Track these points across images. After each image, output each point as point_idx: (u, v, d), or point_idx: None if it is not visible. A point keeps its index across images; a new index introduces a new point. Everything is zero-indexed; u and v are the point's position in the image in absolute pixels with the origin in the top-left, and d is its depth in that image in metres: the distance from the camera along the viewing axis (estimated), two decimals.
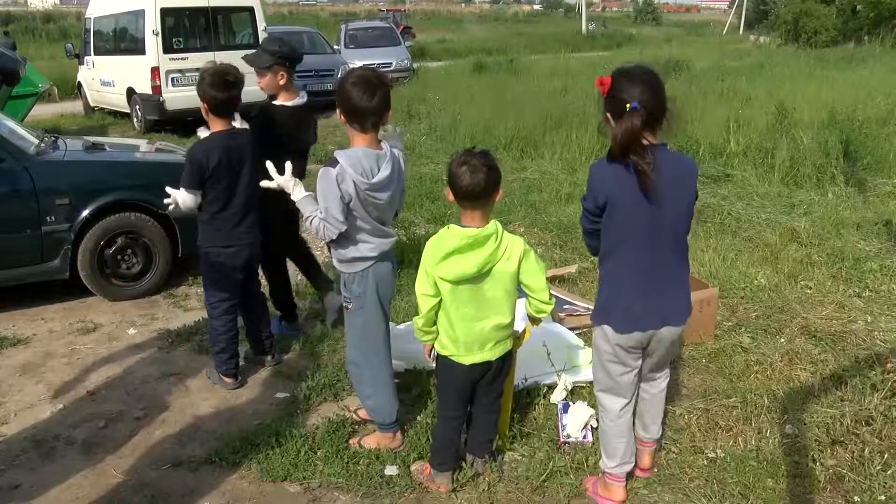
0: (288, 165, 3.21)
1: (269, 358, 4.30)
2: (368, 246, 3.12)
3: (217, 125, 3.81)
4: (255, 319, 4.25)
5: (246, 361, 4.26)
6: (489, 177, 2.74)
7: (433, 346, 3.03)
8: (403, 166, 3.22)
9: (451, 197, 2.83)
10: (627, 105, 2.51)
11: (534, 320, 3.15)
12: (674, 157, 2.70)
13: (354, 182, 2.92)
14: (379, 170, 2.99)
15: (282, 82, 4.23)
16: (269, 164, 3.23)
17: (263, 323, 4.28)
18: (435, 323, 2.97)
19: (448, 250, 2.77)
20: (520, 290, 2.95)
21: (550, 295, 2.95)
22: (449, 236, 2.80)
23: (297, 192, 3.19)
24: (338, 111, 2.99)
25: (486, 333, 2.93)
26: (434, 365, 3.17)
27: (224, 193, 3.78)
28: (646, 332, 2.77)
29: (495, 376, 3.06)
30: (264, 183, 3.31)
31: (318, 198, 3.01)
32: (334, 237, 3.03)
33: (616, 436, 2.95)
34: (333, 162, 2.94)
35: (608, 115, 2.64)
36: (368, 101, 2.92)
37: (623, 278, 2.74)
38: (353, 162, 2.93)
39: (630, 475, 3.07)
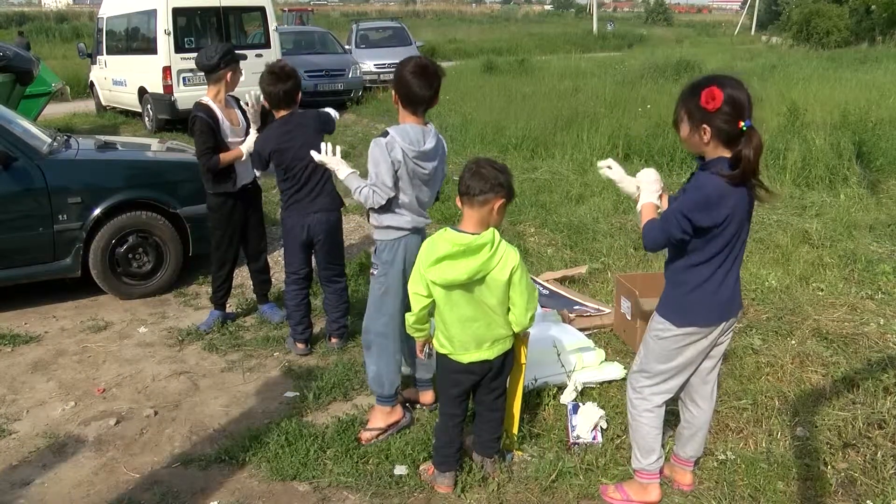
0: (329, 146, 3.57)
1: (333, 341, 4.50)
2: (405, 218, 3.36)
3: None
4: (328, 302, 4.50)
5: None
6: (489, 177, 2.78)
7: (426, 343, 3.12)
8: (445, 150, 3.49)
9: (459, 202, 2.88)
10: (742, 124, 2.46)
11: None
12: None
13: (403, 150, 3.20)
14: (425, 142, 3.27)
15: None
16: (323, 145, 3.58)
17: (332, 307, 4.48)
18: (427, 321, 3.02)
19: (439, 255, 2.79)
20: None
21: (531, 318, 2.98)
22: (442, 241, 2.82)
23: (343, 171, 3.48)
24: (393, 93, 3.31)
25: (482, 334, 2.94)
26: (425, 360, 3.24)
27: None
28: (727, 322, 2.79)
29: (497, 374, 3.07)
30: (315, 155, 3.60)
31: (369, 166, 3.27)
32: (383, 202, 3.26)
33: (657, 427, 2.94)
34: (385, 133, 3.25)
35: (706, 128, 2.52)
36: (426, 90, 3.23)
37: (726, 279, 2.71)
38: (402, 133, 3.23)
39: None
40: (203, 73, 4.48)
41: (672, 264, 2.80)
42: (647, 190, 2.83)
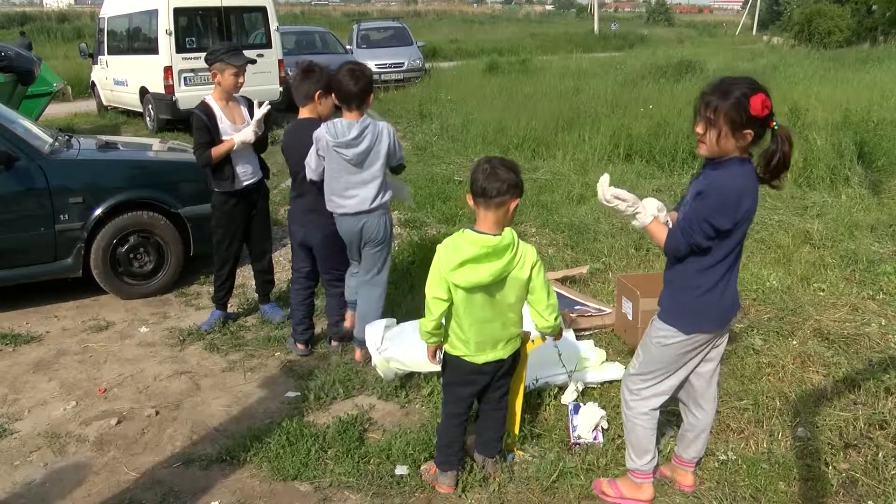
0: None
1: (333, 344, 4.49)
2: (330, 203, 3.98)
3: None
4: (329, 306, 4.52)
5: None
6: (506, 178, 2.77)
7: (438, 348, 3.08)
8: (392, 138, 3.92)
9: (470, 201, 2.85)
10: (774, 125, 2.47)
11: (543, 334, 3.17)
12: None
13: (327, 141, 3.81)
14: (349, 133, 3.79)
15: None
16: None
17: (333, 311, 4.49)
18: (442, 325, 2.99)
19: (465, 258, 2.76)
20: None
21: (555, 312, 2.95)
22: (465, 243, 2.78)
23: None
24: (332, 95, 3.97)
25: (497, 335, 2.95)
26: (438, 367, 3.19)
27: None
28: (728, 324, 2.80)
29: (507, 372, 3.09)
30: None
31: None
32: (313, 176, 3.98)
33: (652, 429, 2.94)
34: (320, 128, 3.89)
35: (750, 133, 2.48)
36: (354, 87, 3.79)
37: (730, 280, 2.70)
38: (330, 127, 3.83)
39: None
40: (208, 73, 4.51)
41: (681, 267, 2.72)
42: (642, 213, 2.71)
